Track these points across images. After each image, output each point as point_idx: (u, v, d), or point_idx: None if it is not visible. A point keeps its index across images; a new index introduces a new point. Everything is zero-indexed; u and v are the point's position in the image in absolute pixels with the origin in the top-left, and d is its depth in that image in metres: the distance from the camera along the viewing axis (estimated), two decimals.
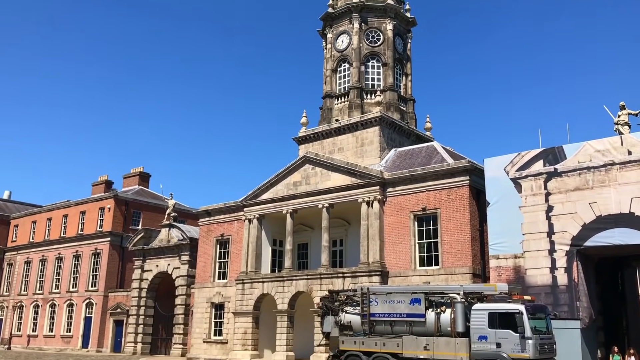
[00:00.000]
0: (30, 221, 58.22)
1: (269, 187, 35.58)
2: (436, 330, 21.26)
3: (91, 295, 48.91)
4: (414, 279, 28.43)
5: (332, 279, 31.05)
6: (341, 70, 39.58)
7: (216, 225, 38.75)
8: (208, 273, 38.45)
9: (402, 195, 30.30)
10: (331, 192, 32.57)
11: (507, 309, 19.72)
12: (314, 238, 35.80)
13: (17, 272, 57.31)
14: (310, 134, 38.02)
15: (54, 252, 53.87)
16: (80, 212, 52.79)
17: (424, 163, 31.78)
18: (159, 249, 43.88)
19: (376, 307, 23.02)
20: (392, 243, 30.08)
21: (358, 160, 34.69)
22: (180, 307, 41.34)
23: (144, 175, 58.03)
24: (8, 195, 67.83)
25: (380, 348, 22.40)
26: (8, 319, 56.13)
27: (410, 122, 38.54)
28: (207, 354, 36.56)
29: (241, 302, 34.71)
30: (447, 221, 28.30)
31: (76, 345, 48.59)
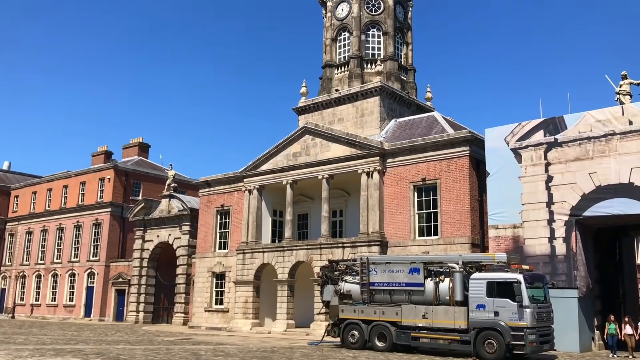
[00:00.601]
0: (30, 192, 58.36)
1: (269, 158, 35.55)
2: (435, 299, 21.49)
3: (93, 265, 49.30)
4: (413, 249, 28.62)
5: (332, 249, 31.26)
6: (341, 39, 39.18)
7: (216, 195, 38.84)
8: (209, 243, 38.68)
9: (402, 166, 30.29)
10: (331, 163, 32.56)
11: (506, 278, 19.89)
12: (314, 209, 35.92)
13: (19, 242, 57.66)
14: (309, 105, 37.83)
15: (55, 222, 54.12)
16: (81, 183, 52.89)
17: (424, 133, 31.69)
18: (159, 219, 44.09)
19: (375, 276, 23.23)
20: (391, 213, 30.19)
21: (358, 130, 34.58)
22: (181, 277, 41.73)
23: (143, 146, 57.98)
24: (8, 166, 67.83)
25: (379, 316, 22.67)
26: (11, 288, 56.69)
27: (411, 92, 38.30)
28: (208, 323, 37.01)
29: (242, 272, 35.00)
30: (447, 191, 28.36)
31: (79, 314, 49.16)
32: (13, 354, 18.21)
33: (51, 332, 31.83)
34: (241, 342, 26.01)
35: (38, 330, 33.53)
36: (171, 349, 21.39)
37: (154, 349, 21.52)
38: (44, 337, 26.94)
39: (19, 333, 30.05)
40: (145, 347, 22.43)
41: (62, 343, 23.61)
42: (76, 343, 23.70)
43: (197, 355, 19.08)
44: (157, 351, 20.42)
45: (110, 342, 24.94)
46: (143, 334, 31.32)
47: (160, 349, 21.56)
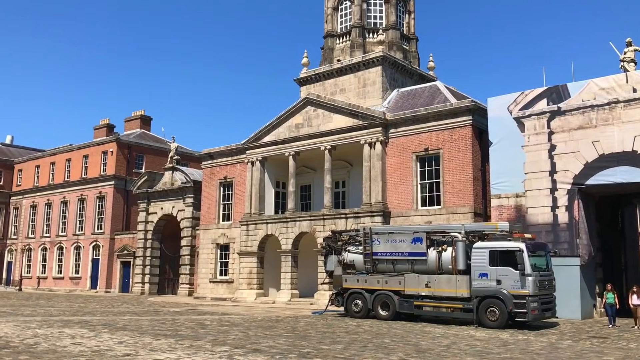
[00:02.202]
0: (33, 165, 58.48)
1: (271, 129, 35.45)
2: (437, 268, 21.65)
3: (97, 238, 49.66)
4: (416, 219, 28.72)
5: (335, 219, 31.38)
6: (342, 8, 38.69)
7: (219, 168, 38.88)
8: (212, 215, 38.86)
9: (404, 136, 30.20)
10: (333, 134, 32.47)
11: (508, 246, 20.01)
12: (317, 180, 35.96)
13: (24, 216, 58.02)
14: (311, 75, 37.56)
15: (59, 196, 54.35)
16: (83, 156, 52.94)
17: (426, 103, 31.51)
18: (163, 191, 44.25)
19: (378, 246, 23.37)
20: (394, 184, 30.22)
21: (360, 101, 34.39)
22: (185, 249, 42.06)
23: (145, 119, 57.83)
24: (10, 139, 67.88)
25: (382, 286, 22.87)
26: (17, 261, 57.24)
27: (413, 61, 37.97)
28: (213, 294, 37.41)
29: (246, 243, 35.23)
30: (449, 161, 28.33)
31: (85, 286, 49.72)
32: (22, 325, 18.49)
33: (58, 304, 32.25)
34: (246, 312, 26.33)
35: (45, 302, 33.96)
36: (177, 320, 21.69)
37: (160, 319, 21.82)
38: (51, 309, 27.30)
39: (27, 305, 30.45)
40: (151, 317, 22.73)
41: (69, 314, 23.93)
42: (83, 314, 24.03)
43: (202, 325, 19.34)
44: (163, 322, 20.70)
45: (117, 313, 25.27)
46: (149, 305, 31.71)
47: (166, 319, 21.86)
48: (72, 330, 17.28)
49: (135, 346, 13.70)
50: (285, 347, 13.88)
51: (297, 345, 14.40)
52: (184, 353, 12.69)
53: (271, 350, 13.40)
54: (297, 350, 13.48)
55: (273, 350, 13.30)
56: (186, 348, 13.51)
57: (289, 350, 13.45)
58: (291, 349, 13.68)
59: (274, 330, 17.88)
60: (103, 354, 12.40)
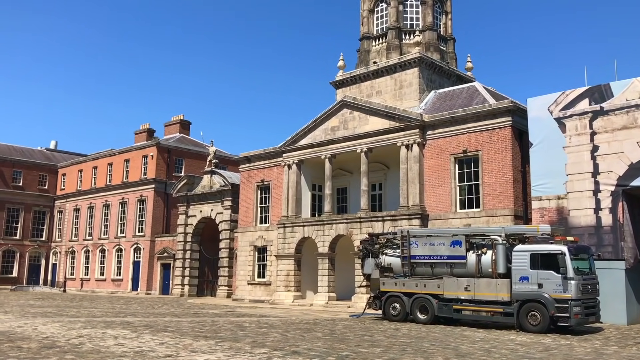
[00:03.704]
0: (77, 170, 60.01)
1: (307, 132, 35.58)
2: (477, 272, 21.36)
3: (138, 240, 50.63)
4: (455, 222, 28.40)
5: (372, 222, 31.27)
6: (379, 10, 38.59)
7: (256, 171, 39.20)
8: (250, 217, 39.19)
9: (442, 138, 29.92)
10: (370, 136, 32.39)
11: (550, 249, 19.59)
12: (353, 182, 35.93)
13: (67, 219, 59.56)
14: (347, 78, 37.56)
15: (101, 199, 55.64)
16: (125, 160, 54.08)
17: (464, 104, 31.16)
18: (202, 194, 44.88)
19: (416, 249, 23.19)
20: (432, 186, 29.95)
21: (397, 103, 34.23)
22: (224, 251, 42.53)
23: (184, 123, 58.87)
24: (54, 145, 69.84)
25: (420, 289, 22.68)
26: (62, 263, 58.79)
27: (451, 62, 37.60)
28: (251, 296, 37.71)
29: (283, 246, 35.42)
30: (489, 163, 27.94)
31: (126, 288, 50.72)
32: (67, 326, 18.99)
33: (101, 305, 32.99)
34: (284, 314, 26.46)
35: (88, 303, 34.79)
36: (216, 321, 21.94)
37: (200, 321, 22.11)
38: (94, 310, 27.95)
39: (71, 306, 31.25)
40: (191, 319, 23.06)
41: (111, 315, 24.46)
42: (125, 316, 24.52)
43: (241, 327, 19.52)
44: (203, 323, 20.97)
45: (158, 314, 25.71)
46: (189, 307, 32.16)
47: (205, 321, 22.14)
48: (115, 331, 17.65)
49: (176, 347, 13.91)
50: (324, 350, 13.90)
51: (336, 348, 14.40)
52: (223, 354, 12.82)
53: (310, 352, 13.43)
54: (336, 353, 13.48)
55: (312, 353, 13.33)
56: (226, 350, 13.65)
57: (327, 352, 13.46)
58: (329, 351, 13.68)
59: (312, 333, 17.92)
60: (145, 354, 12.63)
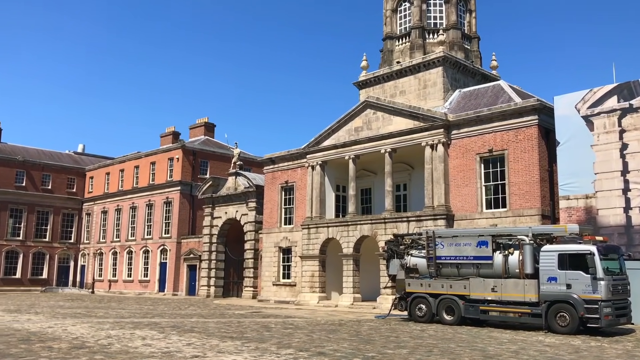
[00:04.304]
0: (104, 173, 60.90)
1: (331, 133, 35.57)
2: (504, 272, 21.13)
3: (165, 242, 51.18)
4: (481, 222, 28.14)
5: (397, 223, 31.14)
6: (402, 10, 38.43)
7: (280, 172, 39.34)
8: (274, 219, 39.33)
9: (467, 137, 29.67)
10: (393, 137, 32.26)
11: (578, 250, 19.30)
12: (377, 183, 35.82)
13: (95, 221, 60.48)
14: (370, 78, 37.47)
15: (128, 201, 56.37)
16: (151, 163, 54.74)
17: (490, 103, 30.86)
18: (226, 196, 45.20)
19: (442, 250, 23.03)
20: (457, 186, 29.72)
21: (421, 102, 34.04)
22: (249, 252, 42.75)
23: (209, 126, 59.40)
24: (82, 148, 71.01)
25: (447, 290, 22.51)
26: (90, 265, 59.70)
27: (475, 61, 37.27)
28: (276, 296, 37.83)
29: (307, 247, 35.46)
30: (515, 162, 27.62)
31: (153, 289, 51.29)
32: (95, 327, 19.28)
33: (128, 306, 33.42)
34: (309, 315, 26.49)
35: (116, 304, 35.26)
36: (242, 322, 22.06)
37: (226, 321, 22.26)
38: (122, 311, 28.32)
39: (100, 307, 31.71)
40: (217, 320, 23.22)
41: (139, 316, 24.76)
42: (152, 316, 24.80)
43: (267, 328, 19.60)
44: (229, 324, 21.10)
45: (184, 315, 25.95)
46: (215, 308, 32.39)
47: (231, 321, 22.28)
48: (143, 331, 17.86)
49: (203, 348, 14.02)
50: (350, 351, 13.88)
51: (362, 349, 14.36)
52: (250, 355, 12.88)
53: (335, 353, 13.42)
54: (362, 354, 13.45)
55: (337, 354, 13.32)
56: (252, 350, 13.71)
57: (353, 354, 13.44)
58: (355, 352, 13.66)
59: (338, 334, 17.91)
60: (172, 355, 12.75)
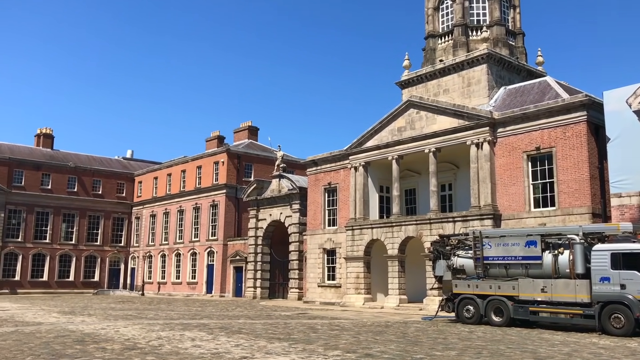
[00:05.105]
0: (152, 177, 62.32)
1: (373, 134, 35.46)
2: (554, 273, 20.66)
3: (212, 244, 51.99)
4: (529, 221, 27.57)
5: (442, 223, 30.79)
6: (443, 7, 38.01)
7: (323, 174, 39.44)
8: (318, 220, 39.45)
9: (513, 135, 29.12)
10: (437, 136, 31.92)
11: (632, 249, 18.68)
12: (422, 183, 35.51)
13: (144, 225, 61.92)
14: (413, 77, 37.19)
15: (176, 205, 57.51)
16: (197, 167, 55.74)
17: (536, 100, 30.21)
18: (271, 198, 45.61)
19: (489, 250, 22.68)
20: (504, 185, 29.20)
21: (465, 101, 33.59)
22: (294, 254, 43.02)
23: (252, 129, 60.16)
24: (131, 154, 72.86)
25: (495, 291, 22.15)
26: (140, 268, 61.15)
27: (520, 57, 36.53)
28: (322, 298, 37.92)
29: (352, 248, 35.43)
30: (564, 160, 26.96)
31: (201, 291, 52.15)
32: (146, 328, 19.74)
33: (177, 308, 34.07)
34: (355, 317, 26.46)
35: (165, 306, 36.00)
36: (289, 323, 22.21)
37: (273, 323, 22.45)
38: (171, 313, 28.90)
39: (149, 309, 32.44)
40: (264, 321, 23.45)
41: (188, 318, 25.23)
42: (201, 318, 25.23)
43: (314, 329, 19.68)
44: (276, 325, 21.28)
45: (232, 317, 26.30)
46: (261, 309, 32.70)
47: (278, 323, 22.46)
48: (192, 333, 18.19)
49: (251, 349, 14.19)
50: (397, 353, 13.80)
51: (409, 351, 14.27)
52: (297, 356, 12.96)
53: (383, 355, 13.37)
54: (410, 356, 13.36)
55: (385, 356, 13.27)
56: (299, 352, 13.80)
57: (400, 355, 13.36)
58: (403, 354, 13.58)
59: (385, 336, 17.84)
60: (222, 356, 12.95)
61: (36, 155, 60.62)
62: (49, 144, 63.95)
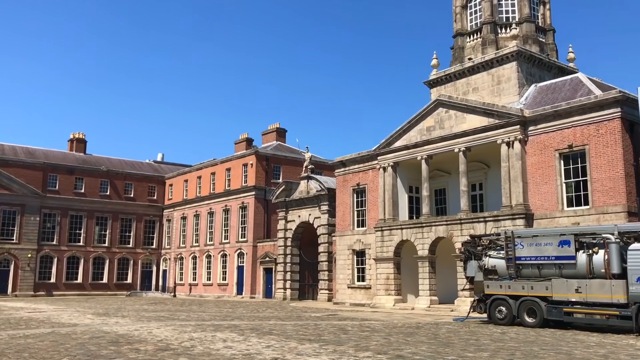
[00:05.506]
0: (182, 180, 63.04)
1: (402, 134, 35.26)
2: (588, 273, 20.26)
3: (241, 246, 52.35)
4: (562, 221, 27.09)
5: (473, 223, 30.46)
6: (472, 5, 37.62)
7: (352, 174, 39.36)
8: (347, 221, 39.38)
9: (545, 133, 28.66)
10: (467, 135, 31.59)
11: None
12: (451, 183, 35.19)
13: (175, 227, 62.66)
14: (441, 76, 36.88)
15: (206, 207, 58.06)
16: (226, 169, 56.20)
17: (568, 97, 29.69)
18: (299, 200, 45.71)
19: (522, 250, 22.36)
20: (535, 184, 28.75)
21: (495, 99, 33.18)
22: (323, 255, 43.03)
23: (280, 131, 60.39)
24: (161, 157, 73.84)
25: (527, 292, 21.82)
26: (171, 269, 61.89)
27: (551, 54, 35.93)
28: (352, 299, 37.84)
29: (381, 249, 35.28)
30: (597, 158, 26.43)
31: (232, 292, 52.54)
32: (179, 329, 19.96)
33: (209, 309, 34.38)
34: (385, 318, 26.34)
35: (197, 307, 36.35)
36: (319, 325, 22.22)
37: (303, 324, 22.49)
38: (203, 314, 29.17)
39: (181, 310, 32.80)
40: (294, 322, 23.50)
41: (219, 319, 25.43)
42: (232, 319, 25.40)
43: (344, 331, 19.64)
44: (306, 326, 21.31)
45: (262, 318, 26.42)
46: (291, 310, 32.78)
47: (308, 324, 22.48)
48: (223, 334, 18.33)
49: (282, 350, 14.22)
50: (429, 354, 13.69)
51: (441, 352, 14.14)
52: (328, 358, 12.95)
53: (414, 356, 13.27)
54: (441, 357, 13.24)
55: (416, 357, 13.17)
56: (330, 353, 13.78)
57: (432, 357, 13.25)
58: (435, 356, 13.46)
59: (415, 337, 17.71)
60: (253, 357, 13.01)
61: (69, 160, 61.85)
62: (82, 148, 65.18)
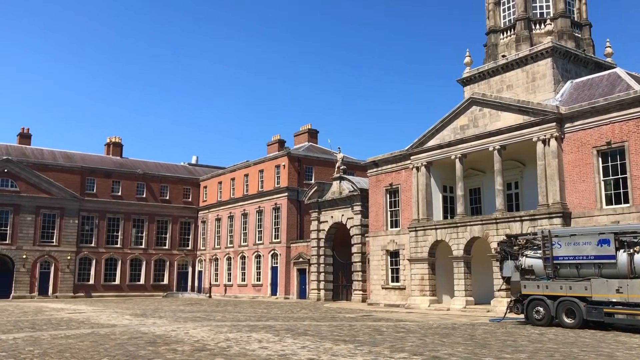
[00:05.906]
0: (216, 182, 63.72)
1: (435, 133, 34.95)
2: (629, 272, 19.77)
3: (275, 247, 52.63)
4: (601, 219, 26.48)
5: (509, 223, 30.00)
6: (505, 2, 37.11)
7: (384, 175, 39.19)
8: (380, 222, 39.23)
9: (582, 130, 28.07)
10: (502, 133, 31.14)
11: None
12: (486, 182, 34.73)
13: (210, 228, 63.35)
14: (475, 74, 36.47)
15: (240, 208, 58.57)
16: (259, 171, 56.59)
17: (605, 93, 29.02)
18: (332, 200, 45.73)
19: (559, 249, 21.95)
20: (573, 182, 28.18)
21: (530, 96, 32.66)
22: (356, 255, 42.94)
23: (312, 132, 60.53)
24: (196, 160, 74.76)
25: (566, 292, 21.39)
26: (206, 270, 62.59)
27: (587, 49, 35.19)
28: (386, 300, 37.67)
29: (415, 249, 35.04)
30: (637, 154, 25.75)
31: (266, 293, 52.85)
32: (215, 330, 20.17)
33: (244, 310, 34.65)
34: (420, 319, 26.15)
35: (232, 308, 36.68)
36: (354, 325, 22.18)
37: (337, 325, 22.48)
38: (238, 315, 29.42)
39: (217, 311, 33.14)
40: (329, 323, 23.51)
41: (254, 320, 25.61)
42: (267, 320, 25.56)
43: (379, 332, 19.58)
44: (341, 327, 21.30)
45: (297, 318, 26.51)
46: (325, 311, 32.81)
47: (343, 325, 22.47)
48: (259, 334, 18.45)
49: (317, 351, 14.25)
50: (465, 355, 13.54)
51: (477, 353, 13.97)
52: (363, 359, 12.92)
53: (451, 358, 13.15)
54: (478, 358, 13.09)
55: (453, 358, 13.05)
56: (365, 354, 13.75)
57: (468, 358, 13.11)
58: (471, 357, 13.31)
59: (451, 338, 17.54)
60: (288, 358, 13.06)
61: (106, 164, 63.09)
62: (118, 152, 66.45)
